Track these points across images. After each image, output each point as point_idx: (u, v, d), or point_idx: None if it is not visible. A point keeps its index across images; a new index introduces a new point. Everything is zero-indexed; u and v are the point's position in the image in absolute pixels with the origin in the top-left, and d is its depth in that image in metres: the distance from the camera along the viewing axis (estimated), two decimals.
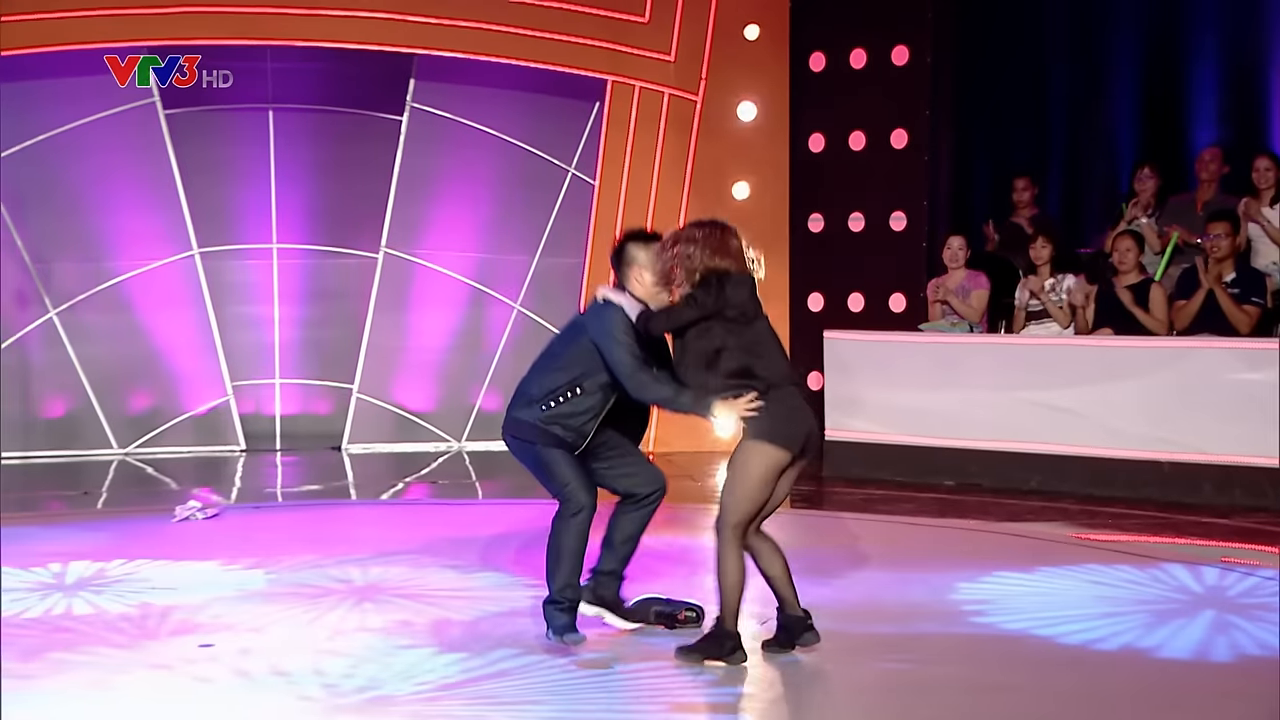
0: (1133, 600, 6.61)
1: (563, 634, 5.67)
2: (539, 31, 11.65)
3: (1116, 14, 12.03)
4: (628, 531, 5.95)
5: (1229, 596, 6.70)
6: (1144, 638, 5.95)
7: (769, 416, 5.40)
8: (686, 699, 5.30)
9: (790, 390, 5.51)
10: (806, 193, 11.96)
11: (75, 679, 5.45)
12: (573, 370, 5.74)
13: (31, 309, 11.73)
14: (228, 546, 7.97)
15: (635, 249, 5.77)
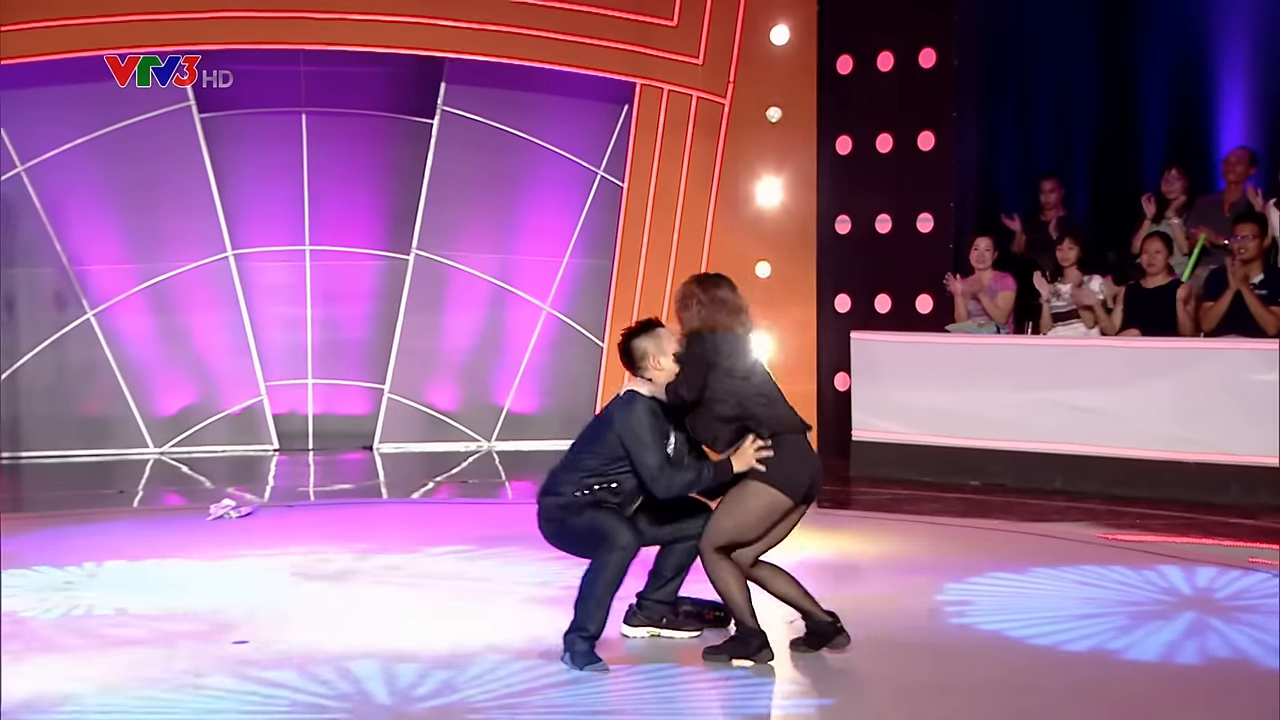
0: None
1: (584, 664, 5.55)
2: (568, 35, 11.69)
3: (1143, 15, 11.98)
4: (678, 564, 5.89)
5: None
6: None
7: (778, 462, 5.46)
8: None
9: (797, 438, 5.56)
10: (834, 194, 11.95)
11: (113, 676, 5.51)
12: (602, 458, 5.68)
13: (69, 310, 11.84)
14: (261, 543, 8.03)
15: (640, 343, 5.72)
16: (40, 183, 11.67)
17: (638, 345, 5.70)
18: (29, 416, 11.74)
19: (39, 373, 11.78)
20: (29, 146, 11.61)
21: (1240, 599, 6.64)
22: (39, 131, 11.59)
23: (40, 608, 6.57)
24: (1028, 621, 6.23)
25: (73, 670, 5.55)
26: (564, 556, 5.95)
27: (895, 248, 11.68)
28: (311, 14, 11.42)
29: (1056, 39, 12.06)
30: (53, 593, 6.86)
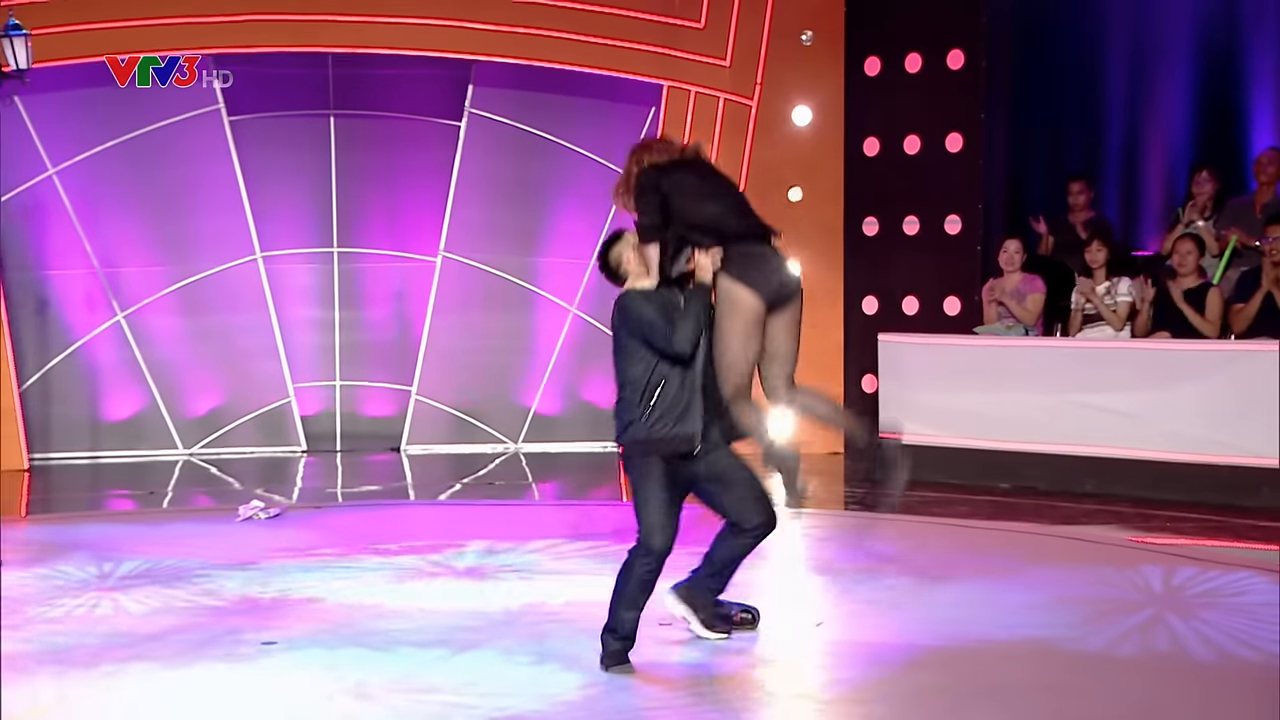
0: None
1: (609, 665, 5.57)
2: (596, 38, 11.67)
3: (1173, 16, 11.91)
4: (726, 557, 5.89)
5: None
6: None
7: (741, 268, 5.58)
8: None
9: (763, 245, 5.69)
10: (861, 196, 11.92)
11: (153, 675, 5.51)
12: (636, 359, 5.68)
13: (100, 312, 11.89)
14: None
15: (613, 252, 5.82)
16: (71, 185, 11.73)
17: (611, 255, 5.83)
18: (60, 418, 11.79)
19: (70, 374, 11.84)
20: (60, 149, 11.66)
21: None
22: (70, 134, 11.65)
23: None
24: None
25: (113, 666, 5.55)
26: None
27: (923, 250, 11.65)
28: (339, 17, 11.43)
29: (1085, 40, 12.00)
30: (93, 591, 6.87)
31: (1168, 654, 5.80)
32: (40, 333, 11.75)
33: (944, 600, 6.69)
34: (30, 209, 11.66)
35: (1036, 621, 6.27)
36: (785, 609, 6.53)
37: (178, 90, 11.55)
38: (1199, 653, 5.79)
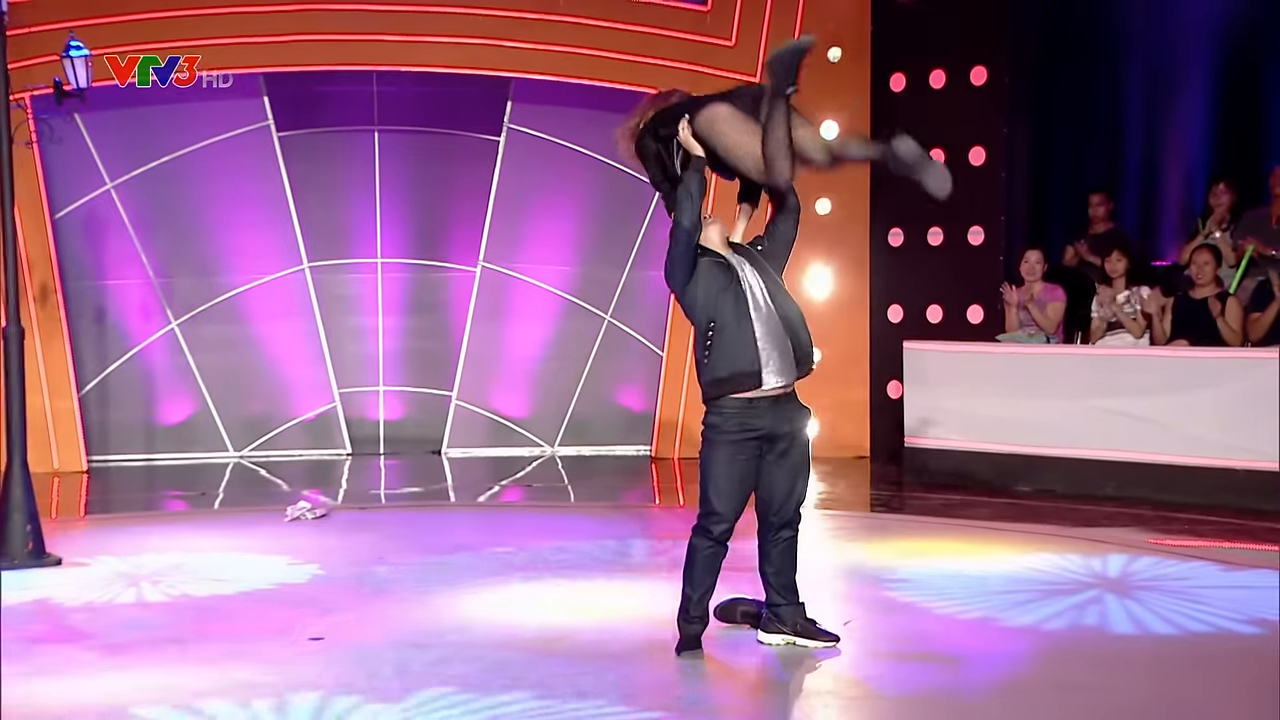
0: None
1: (681, 650, 5.61)
2: (630, 55, 11.69)
3: (1191, 33, 11.87)
4: (778, 565, 5.77)
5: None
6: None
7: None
8: None
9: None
10: (887, 208, 11.91)
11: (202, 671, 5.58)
12: (700, 319, 5.64)
13: (155, 321, 11.97)
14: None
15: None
16: (127, 199, 11.82)
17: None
18: (117, 422, 11.87)
19: (127, 380, 11.92)
20: (117, 165, 11.75)
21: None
22: (126, 150, 11.74)
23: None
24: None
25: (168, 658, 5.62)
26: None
27: (946, 260, 11.64)
28: (384, 37, 11.50)
29: (1105, 56, 11.97)
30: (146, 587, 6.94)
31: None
32: (98, 340, 11.84)
33: (965, 601, 6.70)
34: (89, 222, 11.76)
35: (1052, 620, 6.29)
36: (814, 607, 6.55)
37: (229, 107, 11.69)
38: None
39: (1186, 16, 11.86)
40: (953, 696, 5.28)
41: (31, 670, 5.58)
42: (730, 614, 6.07)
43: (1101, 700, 5.18)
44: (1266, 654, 5.66)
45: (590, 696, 5.16)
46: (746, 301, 5.62)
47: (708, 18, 11.82)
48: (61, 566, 7.54)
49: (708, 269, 5.69)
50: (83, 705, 5.16)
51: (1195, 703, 5.18)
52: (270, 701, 5.13)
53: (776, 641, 5.79)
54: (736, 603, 6.13)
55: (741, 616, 6.07)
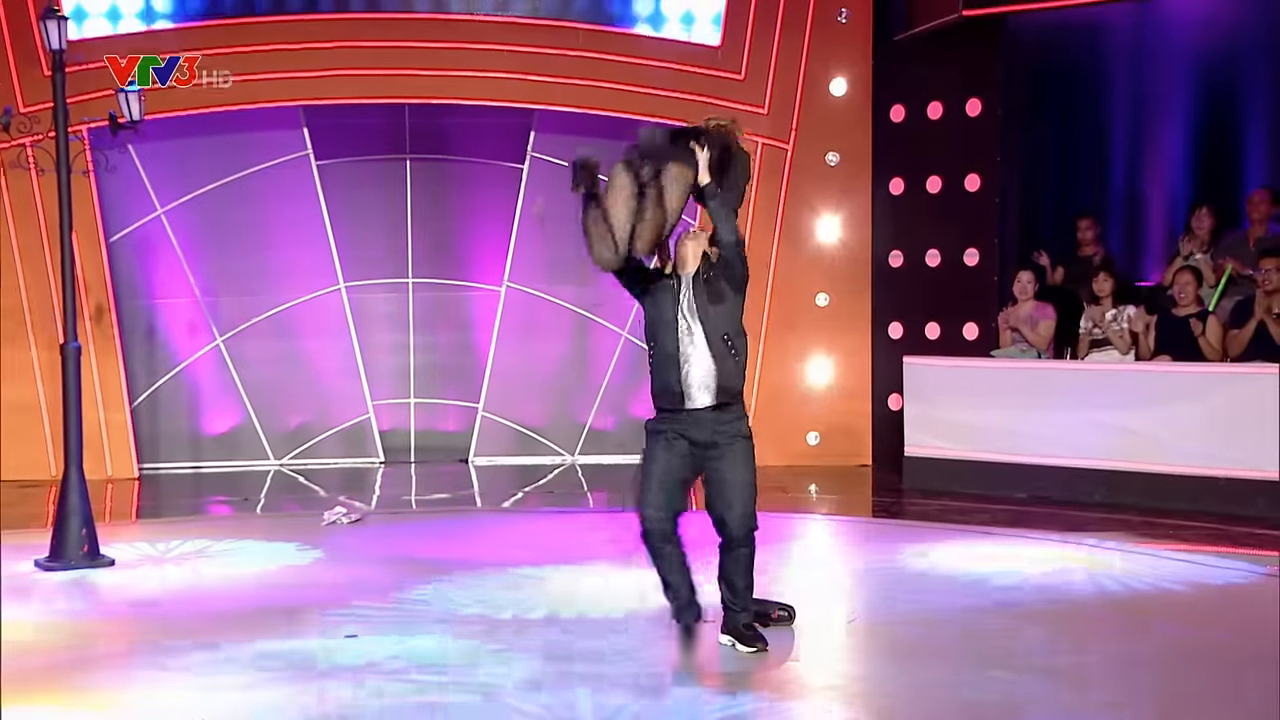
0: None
1: (749, 645, 5.71)
2: (647, 88, 11.73)
3: (1173, 67, 11.88)
4: (731, 576, 5.74)
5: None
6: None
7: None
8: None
9: None
10: (888, 231, 11.94)
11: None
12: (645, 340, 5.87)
13: (201, 337, 12.03)
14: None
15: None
16: (176, 224, 11.89)
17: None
18: (167, 432, 11.93)
19: (175, 393, 11.97)
20: (167, 192, 11.82)
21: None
22: (176, 179, 11.80)
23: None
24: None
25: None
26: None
27: (944, 280, 11.66)
28: (416, 72, 11.56)
29: (1092, 89, 12.00)
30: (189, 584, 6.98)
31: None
32: (149, 355, 11.90)
33: (964, 601, 6.72)
34: (141, 245, 11.83)
35: (1046, 619, 6.31)
36: (820, 607, 6.58)
37: (272, 138, 11.77)
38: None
39: (1168, 51, 11.88)
40: (952, 690, 5.30)
41: (89, 662, 5.63)
42: (764, 617, 6.05)
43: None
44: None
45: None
46: (678, 330, 5.75)
47: (719, 53, 11.88)
48: (114, 567, 7.59)
49: (656, 294, 5.83)
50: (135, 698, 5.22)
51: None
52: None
53: (725, 641, 5.79)
54: (764, 604, 6.11)
55: (775, 618, 6.06)
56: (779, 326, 12.03)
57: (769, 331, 12.02)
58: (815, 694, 5.32)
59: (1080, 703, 5.11)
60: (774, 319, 12.03)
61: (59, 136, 7.70)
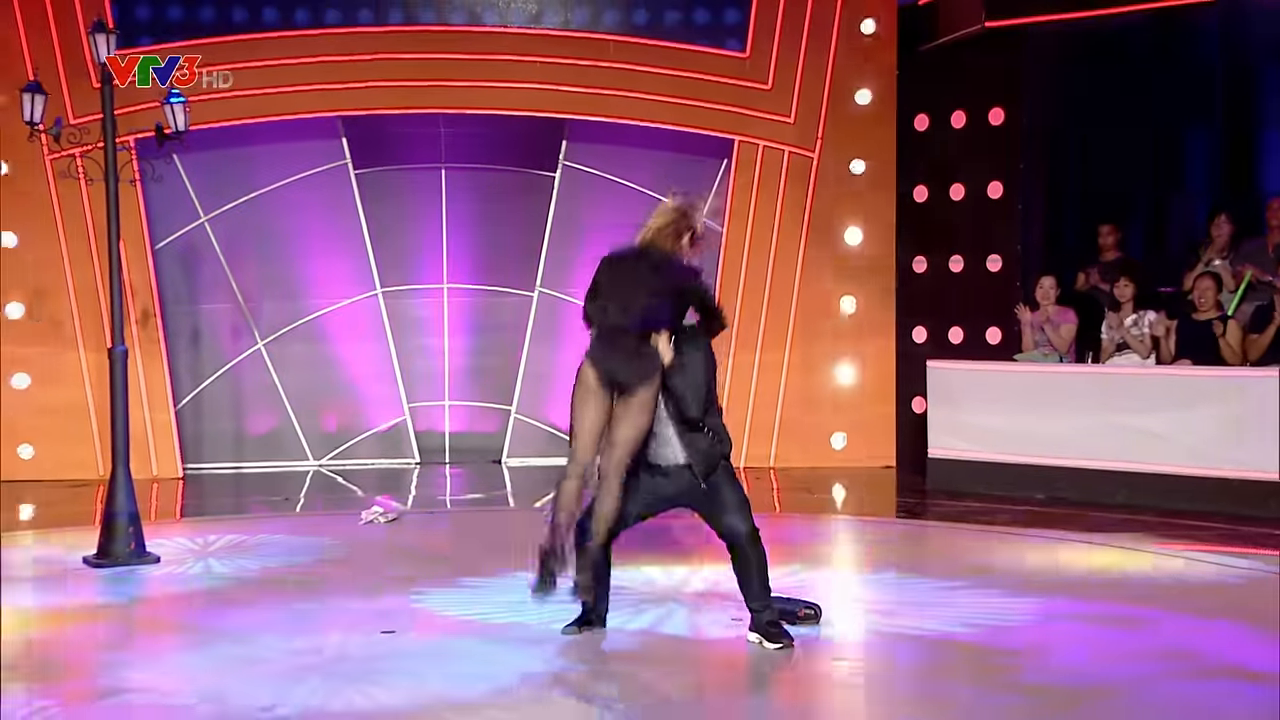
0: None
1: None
2: (675, 98, 11.78)
3: (1194, 75, 11.86)
4: (738, 579, 5.88)
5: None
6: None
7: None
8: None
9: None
10: (911, 238, 11.94)
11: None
12: None
13: (243, 341, 12.13)
14: None
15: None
16: (220, 231, 11.99)
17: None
18: (210, 433, 12.02)
19: (218, 395, 12.06)
20: (210, 200, 11.93)
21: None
22: (219, 187, 11.90)
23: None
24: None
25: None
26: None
27: (967, 285, 11.65)
28: (450, 83, 11.65)
29: (1113, 97, 11.97)
30: (234, 583, 7.07)
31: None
32: (193, 359, 12.00)
33: (985, 598, 6.74)
34: (185, 252, 11.94)
35: (1063, 618, 6.33)
36: (844, 607, 6.61)
37: (311, 148, 11.87)
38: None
39: (1188, 59, 11.85)
40: (973, 689, 5.32)
41: (136, 658, 5.72)
42: (790, 616, 6.07)
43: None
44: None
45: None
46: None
47: (746, 63, 11.91)
48: (160, 564, 7.69)
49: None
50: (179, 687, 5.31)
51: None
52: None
53: (753, 639, 5.83)
54: (790, 602, 6.15)
55: (801, 617, 6.09)
56: (805, 331, 12.05)
57: (795, 336, 12.05)
58: (839, 688, 5.34)
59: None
60: (800, 324, 12.05)
61: (107, 147, 7.82)
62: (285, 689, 5.25)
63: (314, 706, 5.05)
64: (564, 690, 5.24)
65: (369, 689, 5.23)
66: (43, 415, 11.42)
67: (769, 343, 12.03)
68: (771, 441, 12.05)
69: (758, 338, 12.04)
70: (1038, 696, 5.14)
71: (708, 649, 5.85)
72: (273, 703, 5.05)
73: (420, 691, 5.21)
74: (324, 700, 5.12)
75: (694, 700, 5.22)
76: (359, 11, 11.94)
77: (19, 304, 11.52)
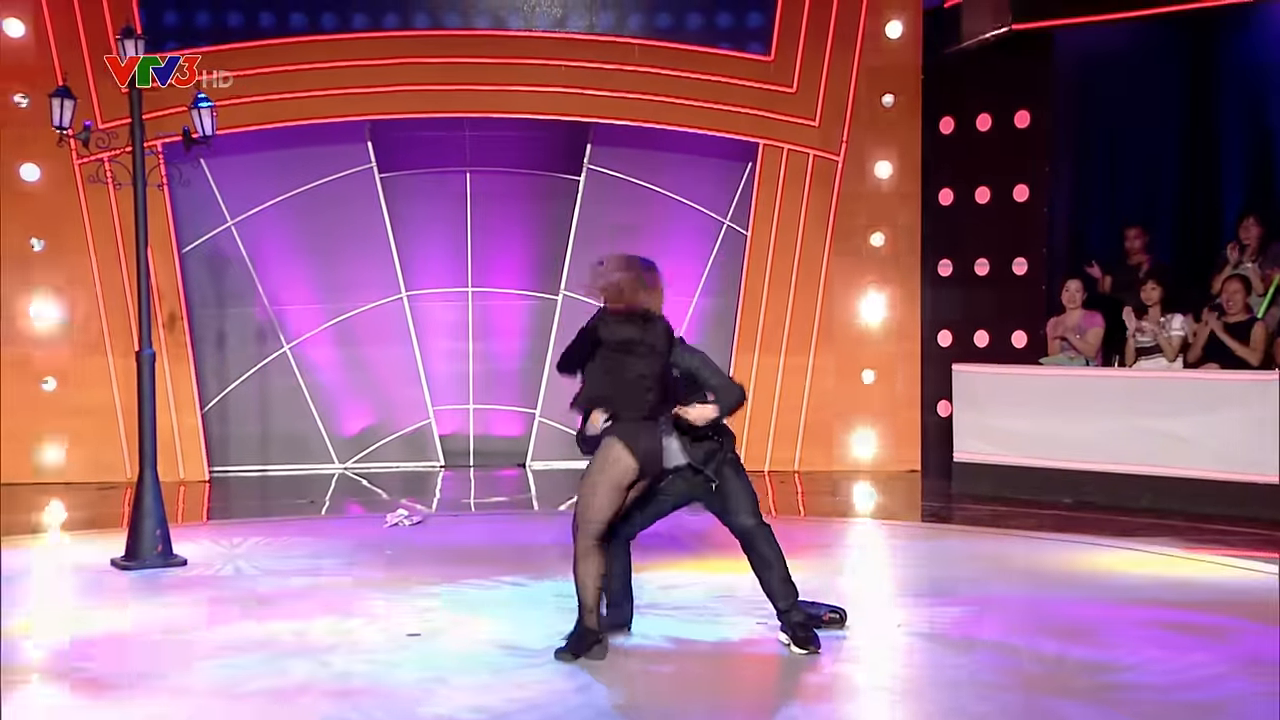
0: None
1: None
2: (700, 102, 11.78)
3: (1222, 75, 11.77)
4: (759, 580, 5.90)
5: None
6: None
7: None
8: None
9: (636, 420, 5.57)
10: (937, 241, 11.90)
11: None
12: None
13: (269, 344, 12.17)
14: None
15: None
16: (246, 235, 12.05)
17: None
18: (236, 435, 12.08)
19: (244, 398, 12.12)
20: (237, 204, 11.98)
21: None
22: (245, 192, 11.96)
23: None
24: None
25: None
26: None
27: (992, 289, 11.61)
28: (475, 87, 11.68)
29: (1140, 100, 11.90)
30: (267, 582, 7.10)
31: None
32: (219, 362, 12.06)
33: (1009, 604, 6.70)
34: (212, 255, 12.00)
35: (1088, 623, 6.28)
36: (869, 610, 6.58)
37: (337, 152, 11.92)
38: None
39: (1217, 60, 11.77)
40: (1000, 691, 5.29)
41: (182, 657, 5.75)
42: (815, 620, 6.04)
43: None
44: None
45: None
46: None
47: (771, 67, 11.90)
48: (186, 567, 7.71)
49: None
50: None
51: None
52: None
53: (783, 640, 5.83)
54: (815, 606, 6.13)
55: (826, 620, 6.06)
56: (830, 335, 12.02)
57: (819, 340, 12.02)
58: (863, 693, 5.32)
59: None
60: (824, 327, 12.02)
61: (135, 151, 7.86)
62: (307, 693, 5.24)
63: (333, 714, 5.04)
64: (588, 695, 5.22)
65: (394, 690, 5.22)
66: (71, 418, 11.50)
67: (793, 346, 12.01)
68: (796, 445, 12.03)
69: (782, 341, 12.01)
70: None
71: (740, 653, 5.83)
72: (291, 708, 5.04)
73: (447, 701, 5.19)
74: (344, 704, 5.11)
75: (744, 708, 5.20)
76: (385, 16, 11.98)
77: (48, 307, 11.58)
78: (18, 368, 11.51)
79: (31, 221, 11.46)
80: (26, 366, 11.52)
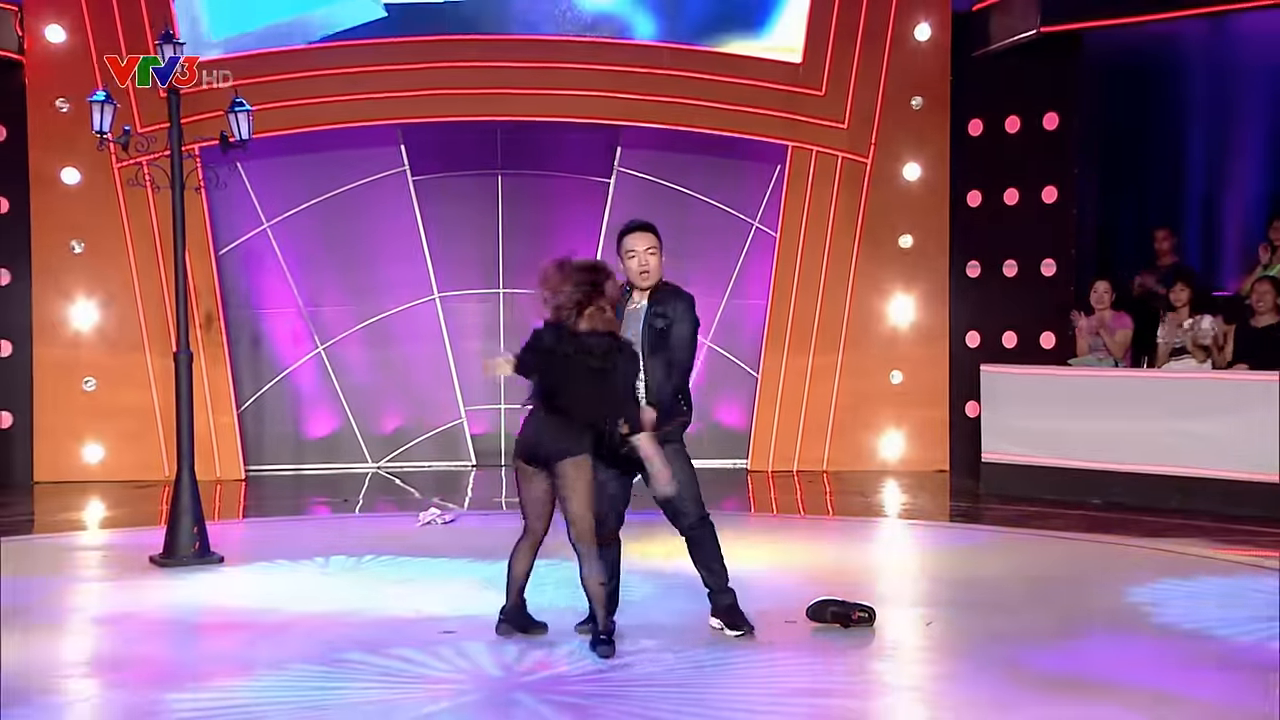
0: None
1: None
2: (729, 105, 11.78)
3: (1250, 75, 11.69)
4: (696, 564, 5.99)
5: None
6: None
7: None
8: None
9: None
10: (965, 242, 11.87)
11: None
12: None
13: (304, 345, 12.26)
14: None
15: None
16: (281, 237, 12.13)
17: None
18: (271, 435, 12.17)
19: (279, 398, 12.20)
20: (272, 206, 12.06)
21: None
22: (281, 194, 12.04)
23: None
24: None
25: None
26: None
27: (1021, 289, 11.57)
28: (508, 91, 11.70)
29: (1168, 101, 11.84)
30: (292, 581, 7.13)
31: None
32: (255, 363, 12.15)
33: (1038, 604, 6.67)
34: (247, 257, 12.09)
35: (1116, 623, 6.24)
36: (897, 610, 6.57)
37: (370, 154, 11.98)
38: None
39: (1244, 63, 11.68)
40: (1025, 693, 5.27)
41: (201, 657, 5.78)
42: (820, 614, 6.10)
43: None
44: None
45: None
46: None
47: (800, 69, 11.89)
48: (223, 564, 7.77)
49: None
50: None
51: None
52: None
53: (714, 625, 5.92)
54: (826, 603, 6.16)
55: (831, 616, 6.09)
56: (858, 335, 12.01)
57: (848, 340, 12.01)
58: (895, 691, 5.31)
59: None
60: (853, 328, 12.01)
61: (173, 155, 7.92)
62: (341, 689, 5.27)
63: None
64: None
65: (434, 692, 5.25)
66: (110, 418, 11.59)
67: (822, 346, 12.00)
68: (825, 445, 12.01)
69: (811, 341, 12.00)
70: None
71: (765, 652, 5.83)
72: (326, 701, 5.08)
73: (484, 701, 5.21)
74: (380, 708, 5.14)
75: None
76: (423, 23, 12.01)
77: (88, 308, 11.69)
78: (59, 368, 11.62)
79: (72, 224, 11.57)
80: (67, 367, 11.62)
